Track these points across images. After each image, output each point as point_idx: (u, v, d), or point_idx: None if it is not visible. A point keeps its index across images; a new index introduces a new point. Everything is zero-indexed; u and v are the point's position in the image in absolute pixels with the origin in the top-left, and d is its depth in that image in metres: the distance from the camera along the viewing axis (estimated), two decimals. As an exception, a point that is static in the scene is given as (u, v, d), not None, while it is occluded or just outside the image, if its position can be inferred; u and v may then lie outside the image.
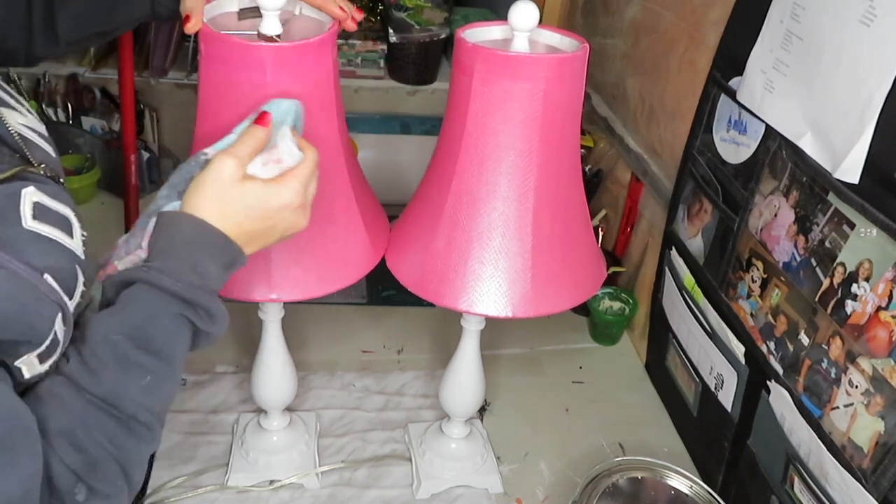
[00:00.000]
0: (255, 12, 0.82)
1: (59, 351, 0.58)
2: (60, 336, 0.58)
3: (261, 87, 0.76)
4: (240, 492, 1.02)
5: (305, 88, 0.78)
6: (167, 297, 0.62)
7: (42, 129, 0.69)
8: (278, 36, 0.79)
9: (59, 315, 0.57)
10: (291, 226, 0.71)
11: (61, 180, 0.66)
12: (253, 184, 0.67)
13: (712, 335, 1.07)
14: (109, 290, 0.63)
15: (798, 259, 0.88)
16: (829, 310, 0.82)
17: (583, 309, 1.38)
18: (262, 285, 0.85)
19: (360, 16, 0.86)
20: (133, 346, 0.60)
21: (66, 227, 0.61)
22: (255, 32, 0.79)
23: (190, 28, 0.78)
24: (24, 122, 0.66)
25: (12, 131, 0.62)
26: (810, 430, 0.85)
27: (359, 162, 0.95)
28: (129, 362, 0.60)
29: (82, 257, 0.62)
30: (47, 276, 0.57)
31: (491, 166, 0.82)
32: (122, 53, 1.45)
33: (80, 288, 0.61)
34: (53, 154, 0.68)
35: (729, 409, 1.04)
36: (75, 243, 0.62)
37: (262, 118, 0.71)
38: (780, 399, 0.91)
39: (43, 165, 0.63)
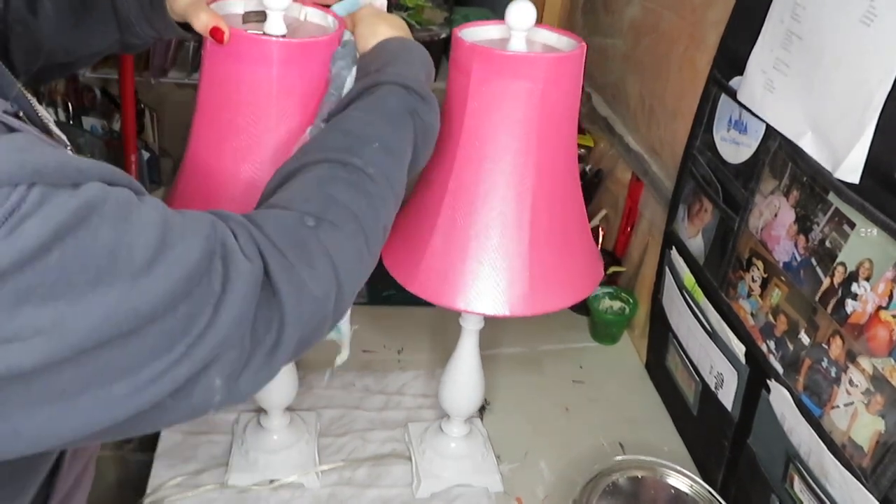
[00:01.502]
0: (259, 16, 0.82)
1: None
2: None
3: (267, 84, 0.76)
4: (240, 491, 1.02)
5: (312, 88, 0.78)
6: (402, 90, 0.71)
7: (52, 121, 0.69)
8: (283, 36, 0.79)
9: None
10: None
11: None
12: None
13: (712, 335, 1.07)
14: (337, 106, 0.72)
15: (798, 259, 0.88)
16: (829, 309, 0.82)
17: (583, 308, 1.38)
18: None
19: None
20: (363, 124, 0.68)
21: None
22: (260, 33, 0.79)
23: (228, 38, 0.75)
24: (42, 113, 0.66)
25: (41, 114, 0.62)
26: (810, 429, 0.85)
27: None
28: (360, 135, 0.67)
29: None
30: None
31: (488, 165, 0.82)
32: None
33: None
34: (69, 144, 0.68)
35: (729, 409, 1.04)
36: None
37: None
38: (780, 398, 0.91)
39: (69, 147, 0.63)
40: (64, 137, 0.66)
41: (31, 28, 0.77)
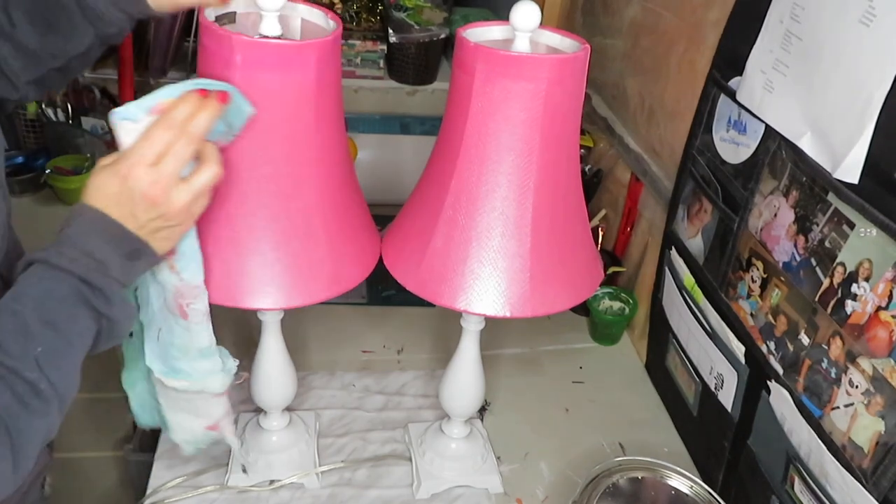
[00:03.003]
0: (229, 17, 0.82)
1: None
2: None
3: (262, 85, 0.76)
4: (240, 492, 1.02)
5: (295, 90, 0.78)
6: (62, 273, 0.65)
7: None
8: (278, 37, 0.79)
9: None
10: (165, 224, 0.71)
11: None
12: (138, 177, 0.68)
13: (712, 335, 1.07)
14: (17, 270, 0.67)
15: (798, 259, 0.88)
16: (829, 310, 0.82)
17: (583, 309, 1.38)
18: (250, 293, 0.84)
19: None
20: (33, 317, 0.64)
21: None
22: (258, 36, 0.79)
23: None
24: None
25: None
26: (810, 430, 0.85)
27: (359, 161, 0.95)
28: (28, 331, 0.63)
29: None
30: None
31: (491, 166, 0.82)
32: (122, 53, 1.45)
33: None
34: None
35: (729, 409, 1.04)
36: None
37: (202, 93, 0.70)
38: (780, 399, 0.91)
39: None
40: None
41: (14, 37, 0.79)
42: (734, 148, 1.02)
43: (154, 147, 0.68)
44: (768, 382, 0.93)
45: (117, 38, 0.84)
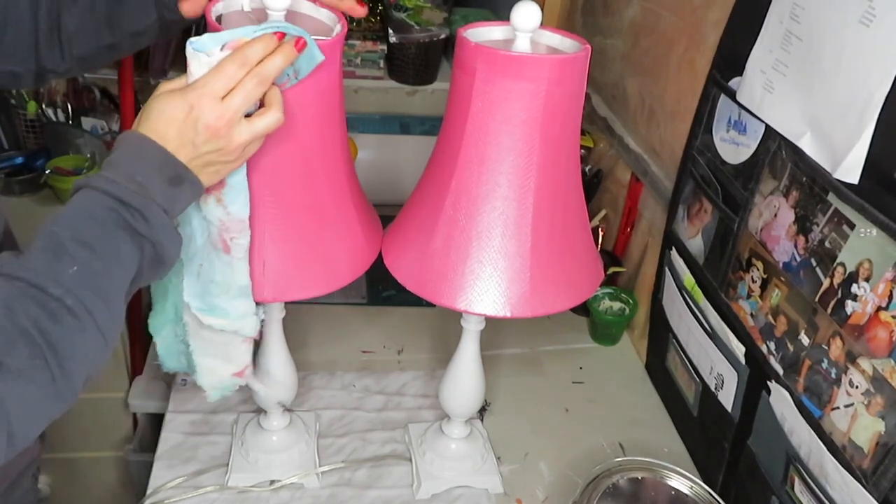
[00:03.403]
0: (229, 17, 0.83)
1: None
2: None
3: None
4: (240, 492, 1.02)
5: (312, 87, 0.78)
6: (102, 195, 0.65)
7: None
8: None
9: None
10: (220, 158, 0.71)
11: None
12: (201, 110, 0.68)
13: (712, 335, 1.07)
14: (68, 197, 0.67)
15: (798, 259, 0.88)
16: (829, 310, 0.82)
17: (583, 309, 1.38)
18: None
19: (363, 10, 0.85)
20: (69, 237, 0.63)
21: None
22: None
23: (187, 10, 0.78)
24: None
25: None
26: (811, 430, 0.85)
27: (359, 161, 0.95)
28: (63, 251, 0.62)
29: None
30: None
31: (491, 166, 0.82)
32: (123, 53, 1.45)
33: None
34: None
35: (729, 410, 1.04)
36: None
37: (280, 35, 0.71)
38: (780, 399, 0.91)
39: None
40: None
41: (79, 2, 0.81)
42: (734, 148, 1.02)
43: (225, 81, 0.68)
44: (768, 383, 0.93)
45: (173, 29, 0.86)
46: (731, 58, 1.02)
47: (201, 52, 0.70)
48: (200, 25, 0.86)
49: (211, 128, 0.68)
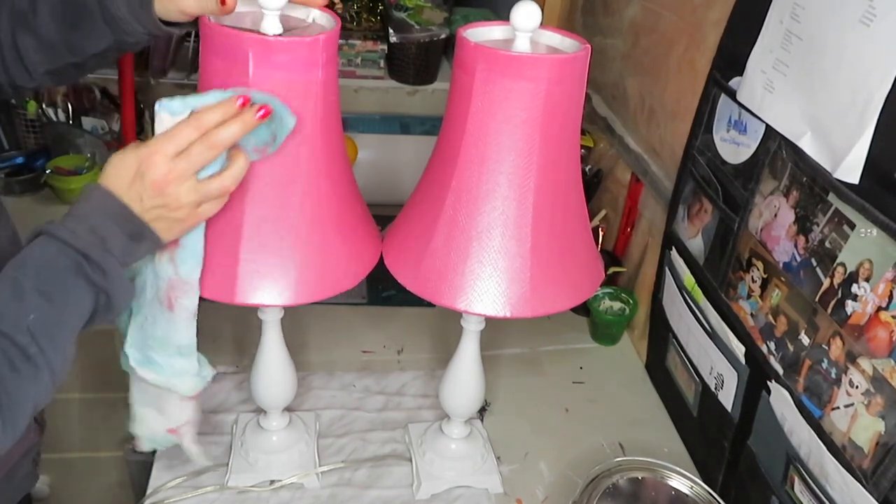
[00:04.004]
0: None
1: None
2: None
3: (244, 81, 0.76)
4: (240, 492, 1.02)
5: (295, 89, 0.78)
6: (63, 245, 0.68)
7: None
8: (278, 35, 0.79)
9: None
10: (167, 214, 0.73)
11: None
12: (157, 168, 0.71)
13: (712, 335, 1.07)
14: (27, 239, 0.70)
15: (798, 259, 0.88)
16: (829, 310, 0.82)
17: (583, 309, 1.38)
18: (248, 290, 0.84)
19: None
20: (30, 285, 0.66)
21: None
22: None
23: (228, 8, 0.77)
24: None
25: None
26: (811, 430, 0.85)
27: (359, 161, 0.95)
28: (24, 298, 0.65)
29: None
30: None
31: (491, 166, 0.82)
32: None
33: None
34: None
35: (729, 409, 1.04)
36: None
37: (243, 102, 0.72)
38: (780, 399, 0.91)
39: None
40: None
41: (36, 29, 0.81)
42: (734, 148, 1.02)
43: (175, 142, 0.71)
44: (768, 382, 0.93)
45: (134, 48, 0.86)
46: (732, 58, 1.02)
47: (167, 112, 0.72)
48: (193, 32, 0.85)
49: (156, 184, 0.70)
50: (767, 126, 0.94)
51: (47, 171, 1.65)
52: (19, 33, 0.82)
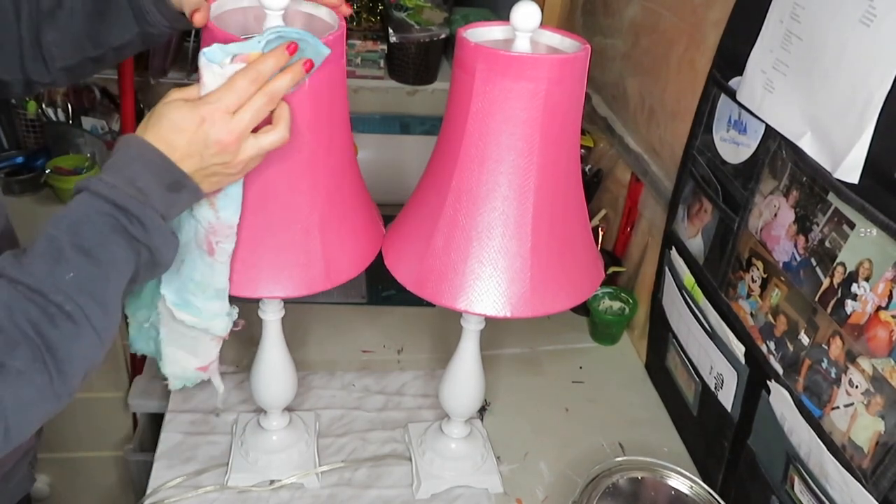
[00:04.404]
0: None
1: None
2: None
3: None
4: (240, 492, 1.02)
5: (316, 86, 0.79)
6: (101, 200, 0.66)
7: None
8: None
9: None
10: (224, 171, 0.73)
11: None
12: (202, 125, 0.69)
13: (712, 335, 1.07)
14: (69, 197, 0.68)
15: (798, 259, 0.88)
16: (829, 310, 0.82)
17: (583, 309, 1.38)
18: (247, 282, 0.85)
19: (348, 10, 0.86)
20: (68, 242, 0.64)
21: None
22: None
23: (198, 20, 0.78)
24: None
25: None
26: (810, 429, 0.85)
27: (359, 162, 0.95)
28: (61, 255, 0.64)
29: None
30: None
31: (491, 166, 0.82)
32: (122, 53, 1.45)
33: None
34: None
35: (729, 409, 1.04)
36: None
37: (291, 49, 0.72)
38: (780, 399, 0.91)
39: None
40: None
41: (60, 19, 0.82)
42: (734, 148, 1.02)
43: (236, 96, 0.70)
44: (768, 382, 0.93)
45: (156, 40, 0.87)
46: (732, 57, 1.02)
47: (214, 63, 0.71)
48: (194, 32, 0.86)
49: (221, 142, 0.70)
50: (767, 126, 0.94)
51: (47, 171, 1.65)
52: (43, 29, 0.82)
